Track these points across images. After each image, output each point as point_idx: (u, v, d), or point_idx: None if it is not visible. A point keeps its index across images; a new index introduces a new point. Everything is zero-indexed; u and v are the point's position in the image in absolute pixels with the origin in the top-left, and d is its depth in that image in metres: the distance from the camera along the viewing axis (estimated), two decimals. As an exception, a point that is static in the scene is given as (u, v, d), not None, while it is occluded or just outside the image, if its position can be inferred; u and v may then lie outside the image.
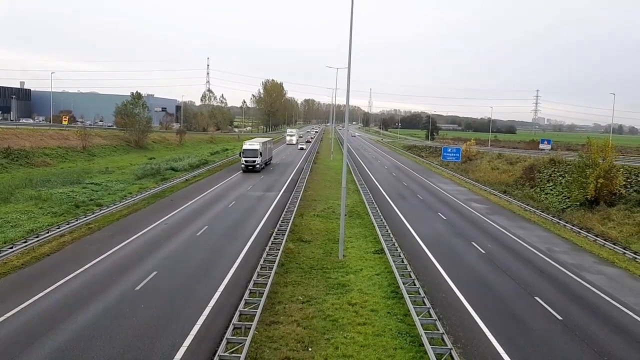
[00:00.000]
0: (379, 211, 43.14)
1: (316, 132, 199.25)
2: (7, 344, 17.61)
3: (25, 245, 28.84)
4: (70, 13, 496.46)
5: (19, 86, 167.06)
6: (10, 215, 36.87)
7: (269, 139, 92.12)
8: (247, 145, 71.68)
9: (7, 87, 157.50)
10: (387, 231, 35.49)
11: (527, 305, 23.66)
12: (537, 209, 49.63)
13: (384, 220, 39.36)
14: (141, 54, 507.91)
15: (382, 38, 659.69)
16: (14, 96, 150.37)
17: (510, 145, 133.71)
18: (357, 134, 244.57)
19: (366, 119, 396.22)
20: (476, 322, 21.26)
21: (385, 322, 20.82)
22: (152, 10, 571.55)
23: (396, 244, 31.89)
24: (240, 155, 72.09)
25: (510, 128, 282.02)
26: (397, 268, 26.66)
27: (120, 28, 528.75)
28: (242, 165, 70.64)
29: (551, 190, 59.07)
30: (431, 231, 38.62)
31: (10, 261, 26.68)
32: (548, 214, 47.13)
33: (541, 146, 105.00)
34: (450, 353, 17.33)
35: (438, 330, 19.17)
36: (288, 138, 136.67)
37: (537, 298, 24.60)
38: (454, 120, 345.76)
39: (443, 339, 18.41)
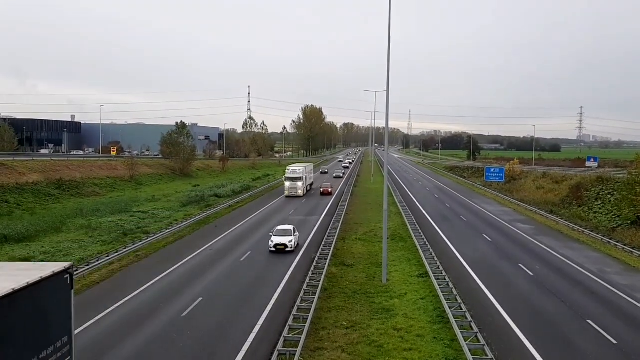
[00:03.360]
0: (422, 234, 42.67)
1: (349, 162, 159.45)
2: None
3: (76, 274, 29.69)
4: (117, 49, 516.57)
5: (69, 119, 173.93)
6: (63, 244, 38.20)
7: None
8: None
9: (59, 121, 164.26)
10: (431, 254, 35.04)
11: (579, 329, 22.87)
12: (585, 229, 48.11)
13: (427, 243, 38.91)
14: (185, 84, 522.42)
15: (421, 58, 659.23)
16: (65, 129, 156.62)
17: (555, 163, 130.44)
18: (397, 155, 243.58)
19: (406, 141, 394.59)
20: (526, 347, 20.66)
21: (432, 347, 20.47)
22: (193, 43, 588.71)
23: (441, 267, 31.43)
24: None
25: (554, 146, 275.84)
26: (442, 292, 26.25)
27: (164, 60, 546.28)
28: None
29: (600, 209, 57.23)
30: (476, 253, 37.92)
31: (62, 289, 27.50)
32: (598, 234, 45.61)
33: (587, 164, 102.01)
34: (500, 379, 16.88)
35: (487, 355, 18.73)
36: (287, 184, 70.82)
37: (589, 321, 23.74)
38: (495, 139, 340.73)
39: (492, 365, 17.96)
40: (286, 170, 72.83)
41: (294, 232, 37.85)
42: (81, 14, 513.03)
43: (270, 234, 38.05)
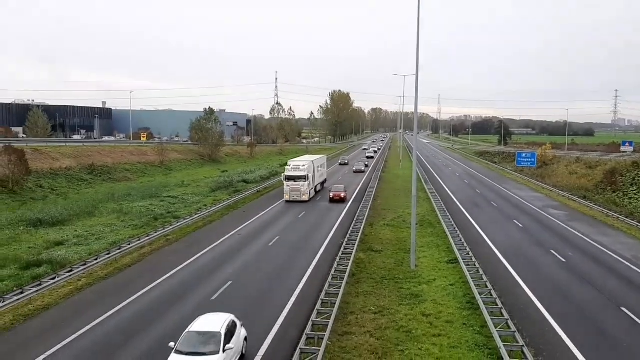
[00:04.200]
0: (451, 220, 42.21)
1: (374, 151, 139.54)
2: (93, 351, 18.51)
3: (109, 257, 30.33)
4: (147, 37, 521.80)
5: (101, 106, 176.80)
6: (95, 228, 38.94)
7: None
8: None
9: (91, 107, 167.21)
10: (461, 240, 34.64)
11: (613, 317, 22.36)
12: (620, 215, 46.91)
13: (457, 229, 38.47)
14: (213, 71, 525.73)
15: (451, 41, 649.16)
16: (96, 115, 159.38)
17: (589, 148, 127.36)
18: (425, 141, 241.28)
19: (435, 126, 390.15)
20: (558, 334, 20.30)
21: (462, 333, 20.27)
22: (221, 29, 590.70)
23: (470, 253, 31.05)
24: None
25: (588, 131, 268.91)
26: (472, 278, 25.94)
27: (192, 48, 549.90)
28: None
29: (635, 194, 55.70)
30: (507, 240, 37.35)
31: (95, 272, 28.12)
32: (633, 220, 44.43)
33: (622, 148, 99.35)
34: (531, 367, 16.61)
35: (517, 342, 18.44)
36: (287, 185, 53.88)
37: (623, 309, 23.18)
38: (527, 124, 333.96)
39: (523, 352, 17.68)
40: (286, 167, 55.43)
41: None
42: (111, 1, 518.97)
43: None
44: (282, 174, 54.54)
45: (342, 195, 53.70)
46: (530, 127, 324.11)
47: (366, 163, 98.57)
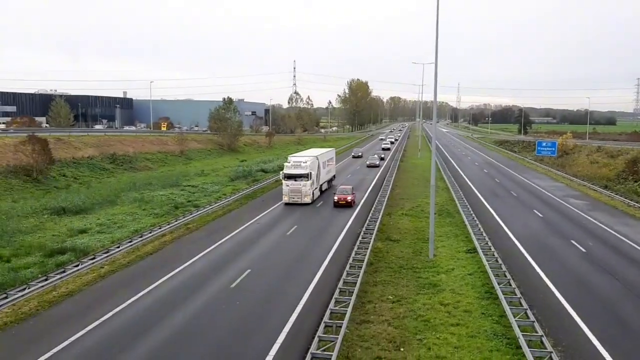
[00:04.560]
0: (470, 209, 42.02)
1: (391, 142, 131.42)
2: (116, 337, 18.93)
3: (131, 245, 30.84)
4: (166, 28, 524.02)
5: (122, 95, 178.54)
6: (117, 217, 39.57)
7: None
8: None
9: (112, 97, 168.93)
10: (480, 230, 34.51)
11: (634, 307, 22.17)
12: (643, 205, 46.26)
13: (475, 218, 38.31)
14: (232, 60, 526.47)
15: (470, 29, 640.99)
16: (117, 105, 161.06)
17: (610, 137, 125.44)
18: (445, 130, 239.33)
19: (454, 115, 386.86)
20: (578, 325, 20.21)
21: (480, 323, 20.29)
22: (240, 18, 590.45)
23: (489, 243, 30.94)
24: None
25: (609, 119, 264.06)
26: (491, 268, 25.89)
27: (212, 38, 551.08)
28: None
29: (660, 184, 54.78)
30: (526, 229, 37.11)
31: (117, 260, 28.64)
32: (657, 210, 43.79)
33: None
34: (551, 357, 16.58)
35: (536, 332, 18.42)
36: (286, 185, 46.25)
37: (645, 300, 22.98)
38: (547, 113, 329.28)
39: (542, 342, 17.65)
40: (285, 164, 47.39)
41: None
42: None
43: None
44: (281, 172, 46.98)
45: (349, 198, 44.48)
46: (550, 116, 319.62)
47: (381, 156, 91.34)
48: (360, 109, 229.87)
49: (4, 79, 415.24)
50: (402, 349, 18.04)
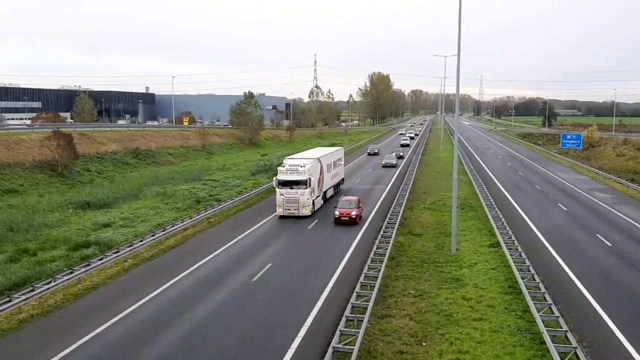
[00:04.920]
0: (493, 203, 41.52)
1: (410, 137, 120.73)
2: (140, 330, 19.16)
3: (153, 239, 31.17)
4: (188, 22, 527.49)
5: (144, 91, 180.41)
6: (140, 211, 40.03)
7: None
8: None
9: (134, 92, 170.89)
10: (503, 224, 34.08)
11: (662, 304, 21.69)
12: (672, 198, 45.24)
13: (499, 212, 37.84)
14: (253, 55, 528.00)
15: (493, 19, 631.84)
16: (140, 100, 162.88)
17: (638, 129, 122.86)
18: (467, 123, 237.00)
19: (477, 107, 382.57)
20: (604, 321, 19.84)
21: (503, 318, 20.05)
22: (260, 12, 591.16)
23: (513, 237, 30.53)
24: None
25: (636, 111, 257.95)
26: (514, 262, 25.55)
27: (233, 32, 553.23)
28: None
29: (689, 177, 53.52)
30: (551, 223, 36.56)
31: (140, 253, 28.97)
32: (686, 204, 42.77)
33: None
34: (575, 352, 16.30)
35: (561, 327, 18.13)
36: (280, 194, 38.02)
37: (674, 296, 22.46)
38: (572, 105, 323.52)
39: (567, 337, 17.37)
40: (279, 168, 39.26)
41: None
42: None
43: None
44: (274, 178, 39.26)
45: (354, 214, 35.30)
46: (575, 108, 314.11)
47: (400, 154, 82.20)
48: (382, 102, 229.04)
49: (29, 75, 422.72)
50: (424, 344, 17.92)
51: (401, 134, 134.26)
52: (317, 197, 40.00)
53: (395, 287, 23.54)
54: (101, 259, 26.75)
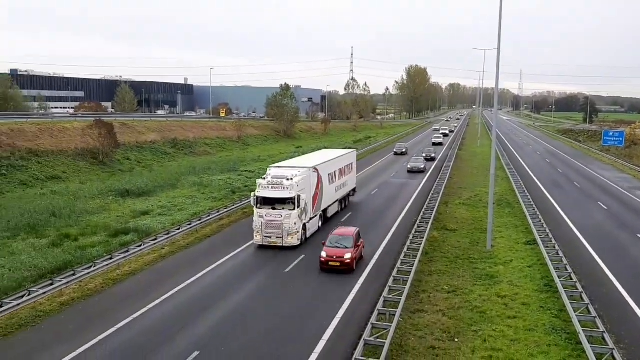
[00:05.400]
0: (530, 200, 40.79)
1: (443, 134, 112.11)
2: (176, 316, 19.62)
3: (190, 227, 31.76)
4: (228, 16, 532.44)
5: (183, 82, 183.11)
6: (177, 200, 40.80)
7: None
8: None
9: (173, 83, 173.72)
10: (540, 221, 33.46)
11: None
12: None
13: (536, 209, 37.15)
14: (290, 47, 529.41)
15: (535, 14, 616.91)
16: (179, 91, 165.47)
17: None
18: (505, 117, 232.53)
19: (516, 102, 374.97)
20: (643, 323, 19.36)
21: (538, 316, 19.76)
22: (299, 4, 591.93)
23: (550, 235, 29.97)
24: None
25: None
26: (551, 260, 25.10)
27: (270, 25, 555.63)
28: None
29: None
30: (590, 222, 35.73)
31: (177, 241, 29.57)
32: None
33: None
34: (612, 354, 15.97)
35: (598, 328, 17.77)
36: (258, 216, 28.47)
37: None
38: (615, 101, 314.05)
39: (604, 338, 17.03)
40: (258, 181, 29.56)
41: None
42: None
43: None
44: (252, 193, 29.66)
45: (347, 257, 24.14)
46: (618, 105, 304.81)
47: (431, 155, 70.71)
48: (418, 96, 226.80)
49: (73, 65, 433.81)
50: (456, 340, 17.83)
51: (435, 129, 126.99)
52: (310, 219, 30.39)
53: (429, 282, 23.39)
54: (139, 245, 27.40)
